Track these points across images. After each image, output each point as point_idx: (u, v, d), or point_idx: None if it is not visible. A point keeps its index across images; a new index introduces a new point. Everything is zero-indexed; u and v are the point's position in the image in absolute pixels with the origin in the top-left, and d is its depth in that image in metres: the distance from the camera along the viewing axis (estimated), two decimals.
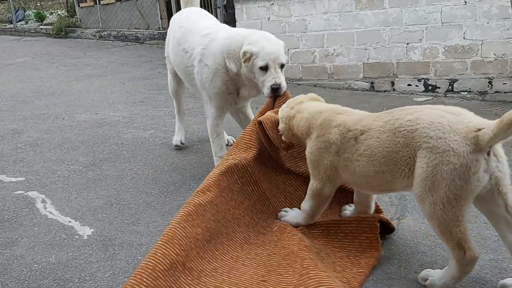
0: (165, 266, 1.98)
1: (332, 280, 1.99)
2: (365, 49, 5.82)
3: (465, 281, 2.10)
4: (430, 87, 5.57)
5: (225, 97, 3.20)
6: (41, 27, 12.69)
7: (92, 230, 2.70)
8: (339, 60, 6.02)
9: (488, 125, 1.81)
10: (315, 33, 6.09)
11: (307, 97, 2.67)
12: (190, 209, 2.26)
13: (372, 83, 5.89)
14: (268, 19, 6.37)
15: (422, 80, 5.60)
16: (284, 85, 2.91)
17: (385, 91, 5.81)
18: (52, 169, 3.58)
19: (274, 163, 2.81)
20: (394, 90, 5.77)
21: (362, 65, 5.90)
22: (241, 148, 2.71)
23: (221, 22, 9.15)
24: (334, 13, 5.89)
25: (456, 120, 1.88)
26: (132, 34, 10.28)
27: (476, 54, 5.29)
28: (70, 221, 2.81)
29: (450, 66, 5.43)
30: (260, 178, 2.67)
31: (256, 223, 2.56)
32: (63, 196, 3.13)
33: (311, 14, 6.05)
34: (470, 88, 5.39)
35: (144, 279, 1.88)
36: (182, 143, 3.93)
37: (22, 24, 13.75)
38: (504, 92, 5.26)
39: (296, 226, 2.50)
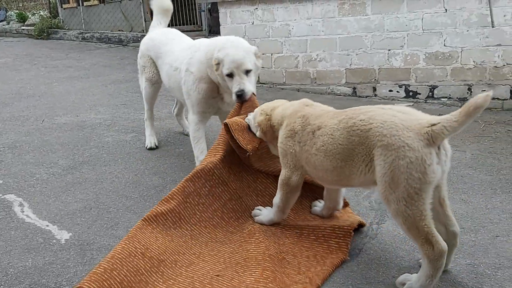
0: (123, 255, 2.12)
1: None
2: (348, 55, 5.87)
3: (442, 286, 2.12)
4: (411, 93, 5.64)
5: (208, 102, 3.27)
6: (22, 27, 12.51)
7: (70, 234, 2.66)
8: (322, 65, 6.05)
9: (442, 119, 1.91)
10: (299, 38, 6.12)
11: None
12: (151, 218, 2.41)
13: (354, 88, 5.94)
14: (252, 23, 6.38)
15: (403, 86, 5.66)
16: (248, 90, 2.96)
17: (367, 97, 5.86)
18: (31, 172, 3.53)
19: (243, 163, 2.87)
20: (376, 95, 5.83)
21: (344, 71, 5.94)
22: (210, 154, 2.79)
23: (205, 25, 9.20)
24: (317, 19, 5.93)
25: (407, 118, 1.99)
26: (116, 36, 10.20)
27: (456, 61, 5.37)
28: (47, 225, 2.77)
29: (430, 73, 5.51)
30: (230, 178, 2.74)
31: (227, 222, 2.62)
32: (41, 199, 3.09)
33: (295, 19, 6.08)
34: (450, 95, 5.47)
35: (101, 265, 2.04)
36: (156, 146, 4.02)
37: (3, 25, 13.54)
38: None
39: (270, 224, 2.58)
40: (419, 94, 5.60)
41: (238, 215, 2.68)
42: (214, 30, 9.16)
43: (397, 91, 5.70)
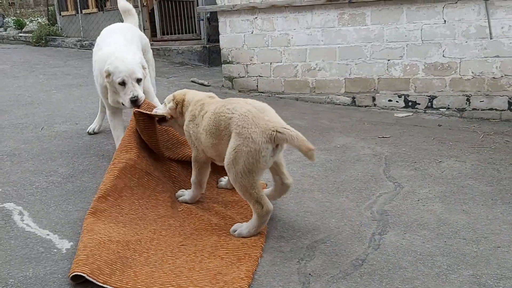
0: (94, 243, 2.43)
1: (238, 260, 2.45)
2: (347, 65, 5.90)
3: None
4: (410, 103, 5.67)
5: (112, 96, 3.59)
6: (20, 34, 12.50)
7: (71, 243, 2.63)
8: (321, 75, 6.07)
9: (287, 133, 2.46)
10: (298, 47, 6.14)
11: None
12: (96, 213, 2.74)
13: (353, 98, 5.96)
14: (252, 32, 6.40)
15: (403, 96, 5.69)
16: (141, 96, 3.34)
17: (366, 106, 5.88)
18: (30, 180, 3.50)
19: (156, 156, 3.28)
20: (375, 105, 5.85)
21: (343, 80, 5.97)
22: (123, 151, 3.13)
23: (204, 34, 9.23)
24: (317, 29, 5.96)
25: (259, 116, 2.51)
26: None
27: (455, 72, 5.41)
28: (48, 234, 2.74)
29: (429, 83, 5.54)
30: (151, 168, 3.15)
31: (163, 201, 3.01)
32: (41, 208, 3.06)
33: (294, 29, 6.10)
34: (448, 105, 5.49)
35: (82, 253, 2.34)
36: (94, 132, 4.54)
37: (0, 31, 13.54)
38: (481, 110, 5.37)
39: (193, 201, 3.05)
40: (418, 104, 5.62)
41: (169, 194, 3.10)
42: (212, 39, 9.20)
43: (397, 101, 5.72)
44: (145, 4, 9.93)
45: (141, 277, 2.29)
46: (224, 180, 3.29)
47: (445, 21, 5.34)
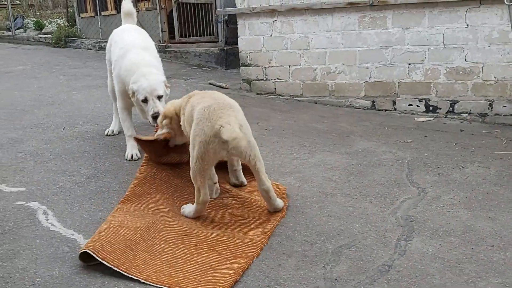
0: (104, 228, 2.63)
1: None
2: (367, 68, 5.86)
3: None
4: (431, 108, 5.60)
5: (126, 100, 3.91)
6: (40, 35, 12.66)
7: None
8: (341, 78, 6.04)
9: (224, 125, 2.66)
10: (317, 50, 6.12)
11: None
12: (116, 209, 2.97)
13: (373, 101, 5.91)
14: (271, 35, 6.40)
15: (423, 101, 5.63)
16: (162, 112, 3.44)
17: (386, 110, 5.83)
18: (53, 180, 3.53)
19: (176, 168, 3.43)
20: (395, 109, 5.79)
21: (363, 84, 5.92)
22: (143, 165, 3.39)
23: (222, 37, 9.25)
24: (337, 31, 5.93)
25: (215, 112, 2.74)
26: None
27: (477, 77, 5.34)
28: (73, 234, 2.75)
29: (451, 88, 5.47)
30: (170, 178, 3.32)
31: (179, 203, 3.12)
32: (65, 208, 3.08)
33: (314, 32, 6.08)
34: (470, 110, 5.42)
35: (92, 240, 2.52)
36: (114, 133, 4.64)
37: (20, 32, 13.72)
38: (503, 115, 5.29)
39: (193, 216, 2.99)
40: (439, 108, 5.56)
41: (185, 198, 3.20)
42: (230, 41, 9.21)
43: (417, 105, 5.66)
44: (163, 6, 9.99)
45: (138, 261, 2.45)
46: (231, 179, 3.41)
47: (467, 25, 5.28)
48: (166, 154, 3.40)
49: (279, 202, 2.98)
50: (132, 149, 3.97)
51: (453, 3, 5.29)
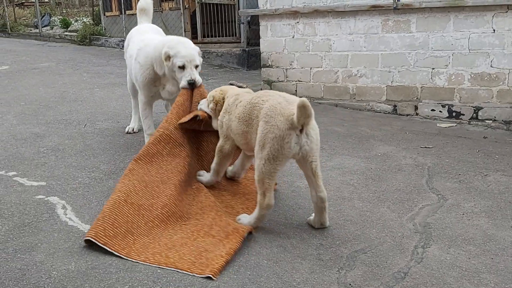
0: (111, 203, 2.76)
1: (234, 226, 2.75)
2: (389, 72, 5.79)
3: None
4: (454, 114, 5.51)
5: (151, 89, 3.96)
6: (65, 33, 12.89)
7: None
8: (362, 81, 5.98)
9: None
10: (339, 53, 6.08)
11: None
12: (127, 172, 3.06)
13: (395, 106, 5.84)
14: (293, 37, 6.38)
15: (446, 106, 5.54)
16: (198, 79, 3.62)
17: (407, 115, 5.75)
18: (73, 175, 3.58)
19: (190, 132, 3.46)
20: (417, 114, 5.71)
21: (385, 88, 5.86)
22: (164, 121, 3.40)
23: (244, 38, 9.26)
24: (360, 34, 5.88)
25: (286, 107, 2.65)
26: None
27: (503, 83, 5.22)
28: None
29: (475, 94, 5.37)
30: (184, 141, 3.34)
31: (188, 170, 3.23)
32: (84, 203, 3.12)
33: (336, 34, 6.04)
34: (495, 117, 5.31)
35: (100, 216, 2.68)
36: (134, 131, 4.72)
37: (47, 30, 13.99)
38: None
39: (208, 184, 3.24)
40: (463, 115, 5.46)
41: (192, 168, 3.32)
42: (252, 42, 9.22)
43: (440, 111, 5.57)
44: (187, 6, 10.06)
45: (138, 245, 2.59)
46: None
47: (494, 30, 5.17)
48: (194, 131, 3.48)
49: (327, 219, 2.85)
50: None
51: (479, 8, 5.19)
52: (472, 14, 5.25)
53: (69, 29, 13.65)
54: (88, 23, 13.11)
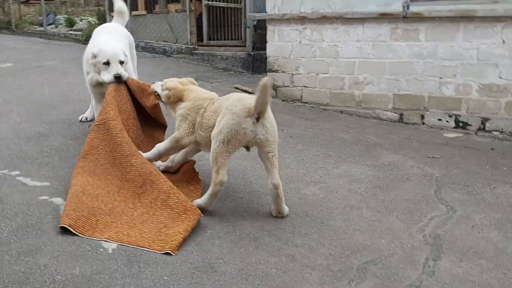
0: (70, 196, 2.94)
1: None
2: (397, 80, 5.75)
3: None
4: (461, 124, 5.46)
5: (98, 91, 4.17)
6: (70, 32, 12.85)
7: (118, 244, 2.62)
8: (369, 89, 5.94)
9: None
10: (346, 60, 6.04)
11: (188, 81, 3.62)
12: (77, 172, 3.22)
13: (401, 114, 5.80)
14: (300, 42, 6.34)
15: (453, 116, 5.49)
16: (124, 74, 3.81)
17: (414, 124, 5.70)
18: None
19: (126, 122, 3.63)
20: (423, 123, 5.67)
21: (392, 96, 5.82)
22: (101, 113, 3.53)
23: (249, 41, 9.21)
24: (367, 42, 5.85)
25: (247, 100, 2.92)
26: (160, 46, 10.34)
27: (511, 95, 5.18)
28: None
29: (483, 104, 5.33)
30: (122, 128, 3.43)
31: (134, 152, 3.28)
32: None
33: (344, 41, 6.01)
34: (502, 129, 5.27)
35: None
36: (87, 119, 4.94)
37: (52, 28, 13.95)
38: None
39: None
40: (470, 125, 5.41)
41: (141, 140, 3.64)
42: (257, 46, 9.18)
43: (447, 121, 5.53)
44: (193, 9, 10.03)
45: (100, 225, 2.75)
46: (157, 163, 3.57)
47: (504, 41, 5.13)
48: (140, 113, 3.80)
49: (286, 208, 3.06)
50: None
51: (489, 19, 5.15)
52: (481, 25, 5.21)
53: (73, 28, 13.62)
54: (93, 22, 13.09)
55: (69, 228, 2.67)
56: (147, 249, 2.55)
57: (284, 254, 2.59)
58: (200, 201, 3.00)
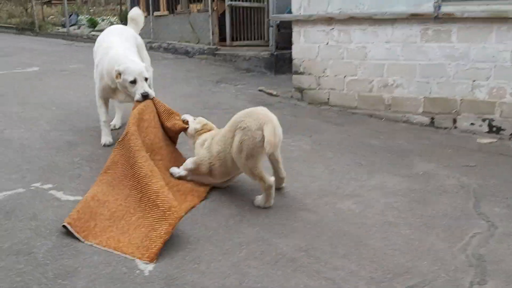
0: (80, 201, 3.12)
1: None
2: (428, 83, 5.60)
3: None
4: (494, 129, 5.29)
5: (105, 96, 4.47)
6: (92, 33, 12.93)
7: (153, 265, 2.59)
8: (399, 92, 5.81)
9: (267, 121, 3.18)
10: (375, 61, 5.91)
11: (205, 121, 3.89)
12: (95, 187, 3.31)
13: (432, 118, 5.65)
14: (327, 43, 6.23)
15: (487, 120, 5.33)
16: (151, 92, 3.95)
17: (445, 128, 5.55)
18: None
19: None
20: (455, 128, 5.51)
21: (422, 99, 5.67)
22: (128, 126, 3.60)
23: (272, 41, 9.10)
24: (397, 43, 5.70)
25: (254, 113, 3.26)
26: (182, 47, 10.33)
27: None
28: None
29: None
30: (142, 147, 3.48)
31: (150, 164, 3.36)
32: None
33: (372, 42, 5.87)
34: None
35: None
36: (116, 127, 5.07)
37: (74, 29, 14.07)
38: None
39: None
40: (504, 130, 5.24)
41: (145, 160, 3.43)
42: (281, 46, 9.08)
43: (480, 125, 5.36)
44: (215, 8, 9.97)
45: (97, 229, 2.88)
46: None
47: None
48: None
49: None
50: (106, 137, 4.51)
51: None
52: None
53: (96, 28, 13.71)
54: (115, 22, 13.13)
55: (68, 227, 2.84)
56: (128, 256, 2.66)
57: (324, 278, 2.52)
58: (259, 203, 3.34)
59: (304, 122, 5.69)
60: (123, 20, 13.16)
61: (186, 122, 3.88)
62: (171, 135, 3.98)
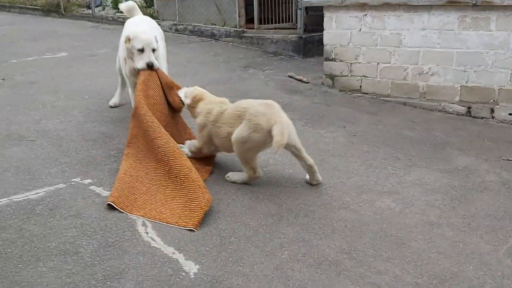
0: (116, 178, 3.46)
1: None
2: (465, 71, 5.44)
3: None
4: None
5: (134, 79, 4.29)
6: (118, 15, 12.88)
7: (198, 266, 2.62)
8: (434, 80, 5.67)
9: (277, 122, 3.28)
10: (410, 49, 5.76)
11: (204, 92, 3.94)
12: (124, 159, 3.68)
13: (469, 108, 5.51)
14: (359, 30, 6.09)
15: None
16: (156, 63, 4.07)
17: (482, 118, 5.41)
18: None
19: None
20: (493, 117, 5.37)
21: (459, 88, 5.53)
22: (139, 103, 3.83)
23: (300, 24, 8.94)
24: (434, 30, 5.54)
25: (266, 110, 3.37)
26: (208, 30, 10.23)
27: None
28: (174, 253, 2.74)
29: None
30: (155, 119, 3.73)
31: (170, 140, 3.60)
32: None
33: (408, 29, 5.72)
34: None
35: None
36: (115, 105, 5.35)
37: (99, 10, 14.05)
38: None
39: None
40: None
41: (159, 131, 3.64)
42: (309, 29, 8.93)
43: None
44: None
45: (139, 202, 3.19)
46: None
47: None
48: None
49: (320, 177, 3.61)
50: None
51: None
52: None
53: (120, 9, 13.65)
54: (140, 5, 13.06)
55: (113, 205, 3.12)
56: (174, 225, 2.98)
57: (369, 283, 2.51)
58: (236, 176, 3.59)
59: (336, 110, 5.61)
60: (148, 3, 13.10)
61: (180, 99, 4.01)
62: (174, 107, 4.19)
